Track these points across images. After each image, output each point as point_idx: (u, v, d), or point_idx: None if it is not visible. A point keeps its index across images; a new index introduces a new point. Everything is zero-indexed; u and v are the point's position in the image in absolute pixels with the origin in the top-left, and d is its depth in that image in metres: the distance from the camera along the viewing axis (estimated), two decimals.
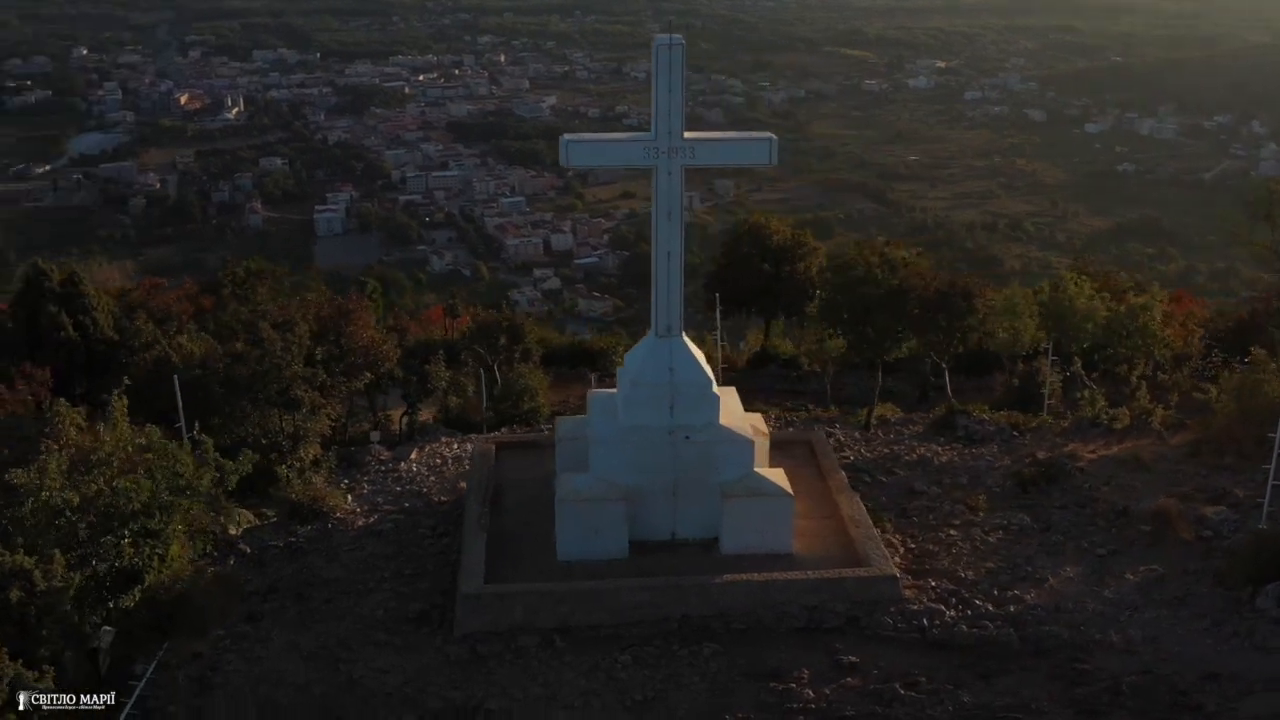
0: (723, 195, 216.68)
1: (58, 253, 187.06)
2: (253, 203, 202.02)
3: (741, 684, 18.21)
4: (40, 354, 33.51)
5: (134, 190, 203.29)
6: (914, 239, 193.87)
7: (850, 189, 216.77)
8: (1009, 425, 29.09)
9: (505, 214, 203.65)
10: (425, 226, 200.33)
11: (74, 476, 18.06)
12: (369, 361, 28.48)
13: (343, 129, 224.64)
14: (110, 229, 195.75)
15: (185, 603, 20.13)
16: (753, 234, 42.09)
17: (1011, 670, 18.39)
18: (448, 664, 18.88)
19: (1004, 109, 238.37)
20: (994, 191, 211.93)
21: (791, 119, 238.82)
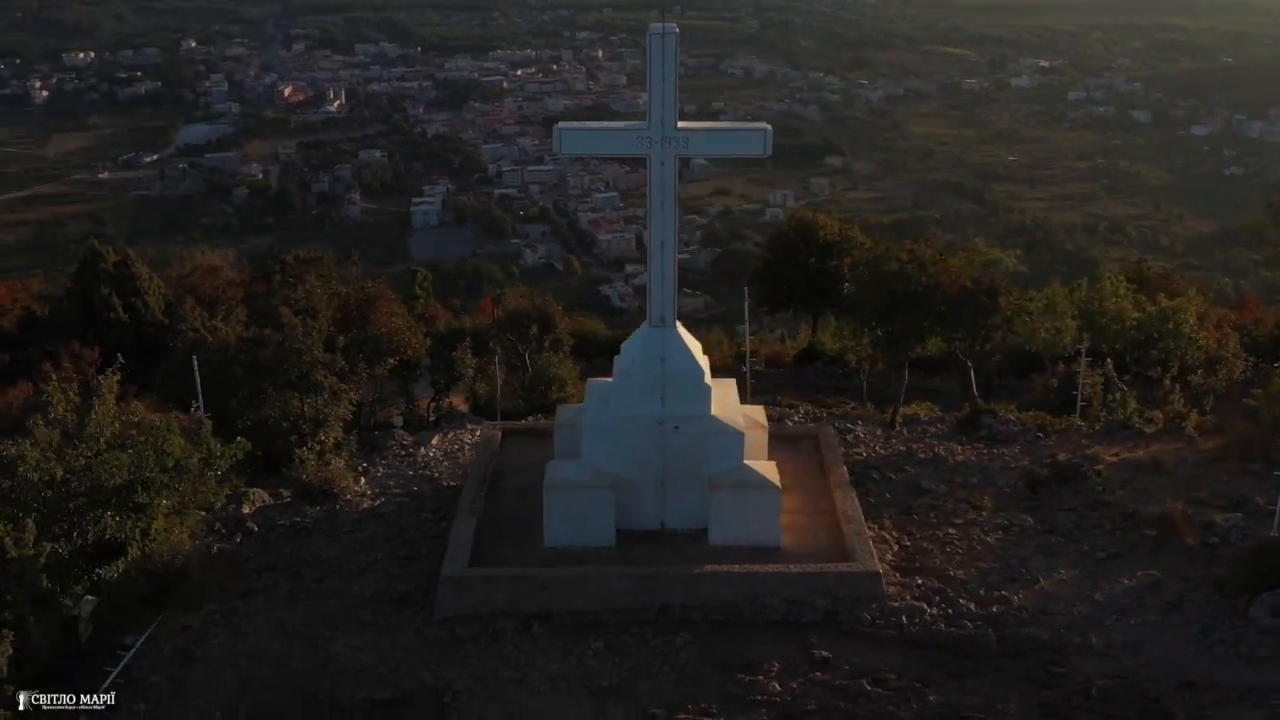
0: (817, 194, 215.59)
1: (164, 240, 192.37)
2: (351, 194, 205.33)
3: (710, 674, 18.20)
4: (91, 334, 34.52)
5: (237, 180, 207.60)
6: (1010, 240, 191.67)
7: (947, 189, 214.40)
8: (1036, 426, 28.67)
9: (599, 209, 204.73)
10: (519, 220, 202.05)
11: (63, 450, 18.61)
12: (392, 348, 28.89)
13: (441, 122, 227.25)
14: (213, 217, 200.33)
15: (183, 577, 20.65)
16: (800, 230, 41.89)
17: (984, 671, 18.15)
18: (424, 645, 19.11)
19: (1108, 110, 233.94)
20: (1096, 193, 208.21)
21: (889, 118, 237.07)
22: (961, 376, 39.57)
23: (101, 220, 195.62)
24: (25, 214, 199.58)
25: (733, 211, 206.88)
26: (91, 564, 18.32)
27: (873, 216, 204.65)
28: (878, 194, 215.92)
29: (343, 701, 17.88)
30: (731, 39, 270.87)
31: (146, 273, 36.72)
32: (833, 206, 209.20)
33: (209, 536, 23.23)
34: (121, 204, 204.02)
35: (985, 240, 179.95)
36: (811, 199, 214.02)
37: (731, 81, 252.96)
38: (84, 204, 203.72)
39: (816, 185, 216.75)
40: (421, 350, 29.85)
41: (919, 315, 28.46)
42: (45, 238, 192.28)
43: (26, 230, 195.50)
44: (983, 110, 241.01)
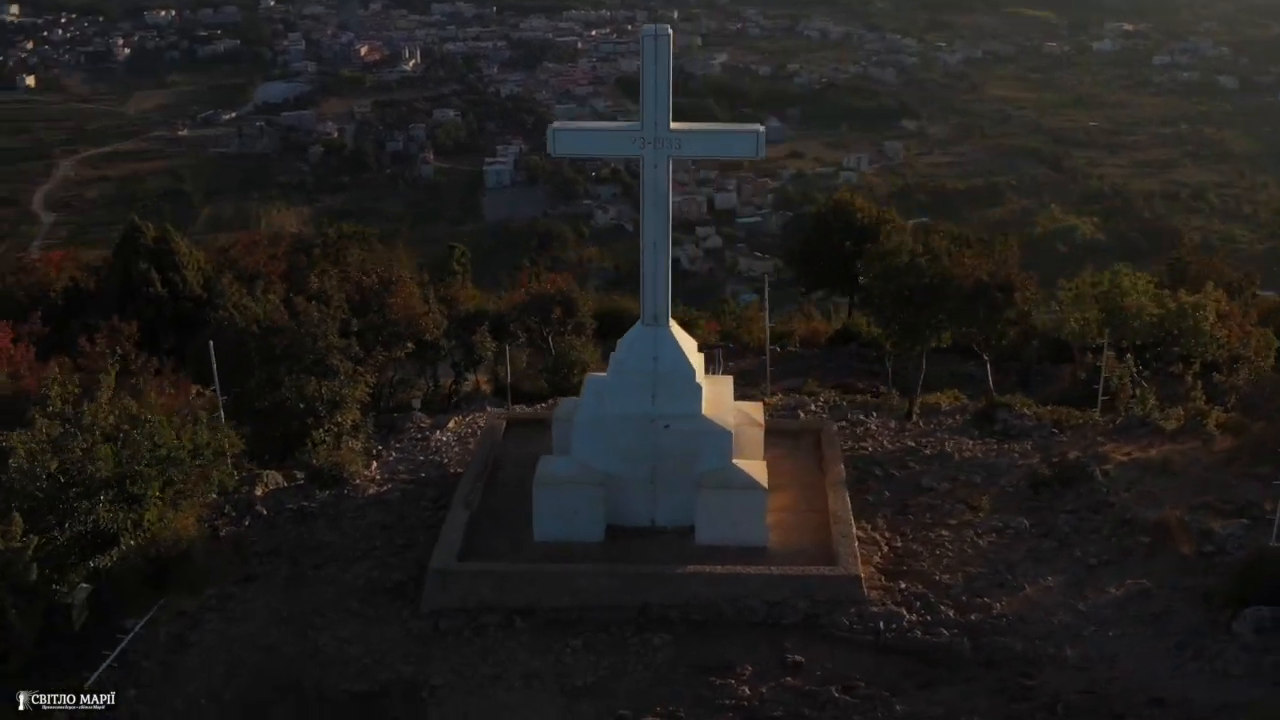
0: (892, 158, 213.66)
1: (241, 197, 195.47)
2: (425, 153, 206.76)
3: (683, 676, 18.43)
4: (130, 309, 35.34)
5: (313, 138, 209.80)
6: (1088, 207, 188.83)
7: (1024, 154, 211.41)
8: (1051, 421, 28.50)
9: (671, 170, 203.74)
10: (591, 181, 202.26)
11: (61, 442, 19.21)
12: (409, 332, 29.31)
13: (515, 82, 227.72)
14: (290, 175, 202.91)
15: (185, 561, 21.25)
16: (837, 212, 41.71)
17: (955, 681, 18.20)
18: (409, 638, 19.53)
19: (1193, 75, 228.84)
20: (1178, 160, 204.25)
21: (966, 80, 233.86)
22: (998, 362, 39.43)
23: (180, 177, 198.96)
24: (106, 170, 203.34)
25: (805, 175, 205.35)
26: (86, 553, 18.89)
27: (947, 182, 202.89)
28: (953, 158, 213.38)
29: (325, 693, 18.35)
30: (808, 0, 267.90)
31: (185, 248, 37.47)
32: (907, 170, 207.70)
33: (219, 519, 23.89)
34: (200, 161, 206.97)
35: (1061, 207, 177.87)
36: (886, 163, 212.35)
37: (807, 43, 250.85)
38: (163, 160, 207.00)
39: (891, 149, 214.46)
40: (439, 334, 30.20)
41: (931, 309, 28.31)
42: (125, 194, 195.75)
43: (108, 186, 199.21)
44: (1063, 74, 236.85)
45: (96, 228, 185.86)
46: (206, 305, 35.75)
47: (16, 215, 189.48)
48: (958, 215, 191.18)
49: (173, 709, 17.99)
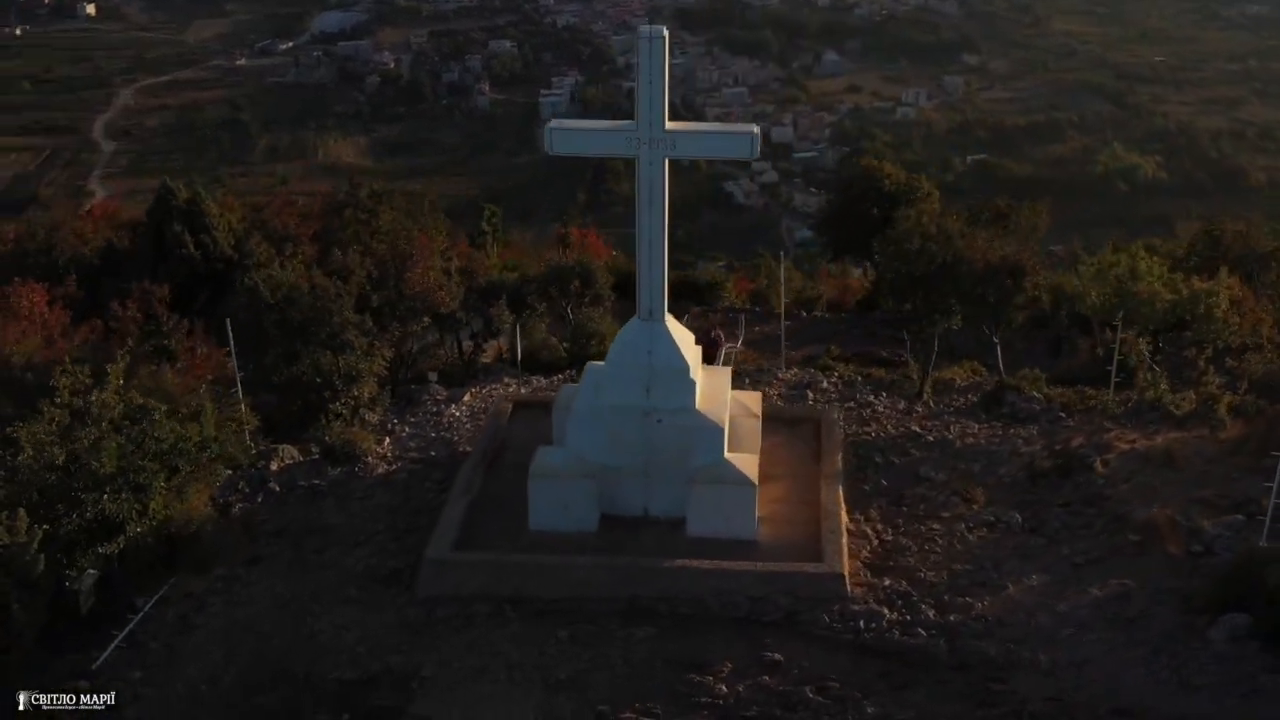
0: (951, 93, 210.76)
1: (298, 127, 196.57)
2: (481, 84, 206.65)
3: (663, 671, 18.95)
4: (162, 270, 36.11)
5: (369, 68, 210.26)
6: (1151, 146, 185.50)
7: (1087, 90, 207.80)
8: (1060, 404, 28.58)
9: (726, 105, 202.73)
10: None
11: (69, 432, 19.94)
12: (426, 306, 29.79)
13: (571, 13, 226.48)
14: (346, 106, 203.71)
15: (196, 541, 22.00)
16: (865, 177, 41.59)
17: (927, 683, 18.59)
18: (402, 626, 20.20)
19: (1263, 8, 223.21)
20: (1245, 98, 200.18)
21: (1029, 14, 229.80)
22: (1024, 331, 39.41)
23: (238, 107, 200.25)
24: (166, 99, 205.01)
25: (863, 109, 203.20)
26: (94, 541, 19.64)
27: (1007, 118, 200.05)
28: (1014, 94, 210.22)
29: (317, 680, 19.07)
30: None
31: (216, 210, 38.05)
32: (966, 106, 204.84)
33: (232, 495, 24.65)
34: (257, 91, 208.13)
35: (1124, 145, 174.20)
36: (945, 98, 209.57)
37: None
38: (222, 90, 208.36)
39: (950, 84, 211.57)
40: (455, 307, 30.66)
41: (942, 293, 28.40)
42: (184, 122, 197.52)
43: (167, 115, 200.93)
44: (1130, 8, 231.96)
45: (156, 156, 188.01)
46: (237, 266, 36.42)
47: (77, 143, 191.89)
48: (1017, 152, 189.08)
49: (173, 692, 18.82)
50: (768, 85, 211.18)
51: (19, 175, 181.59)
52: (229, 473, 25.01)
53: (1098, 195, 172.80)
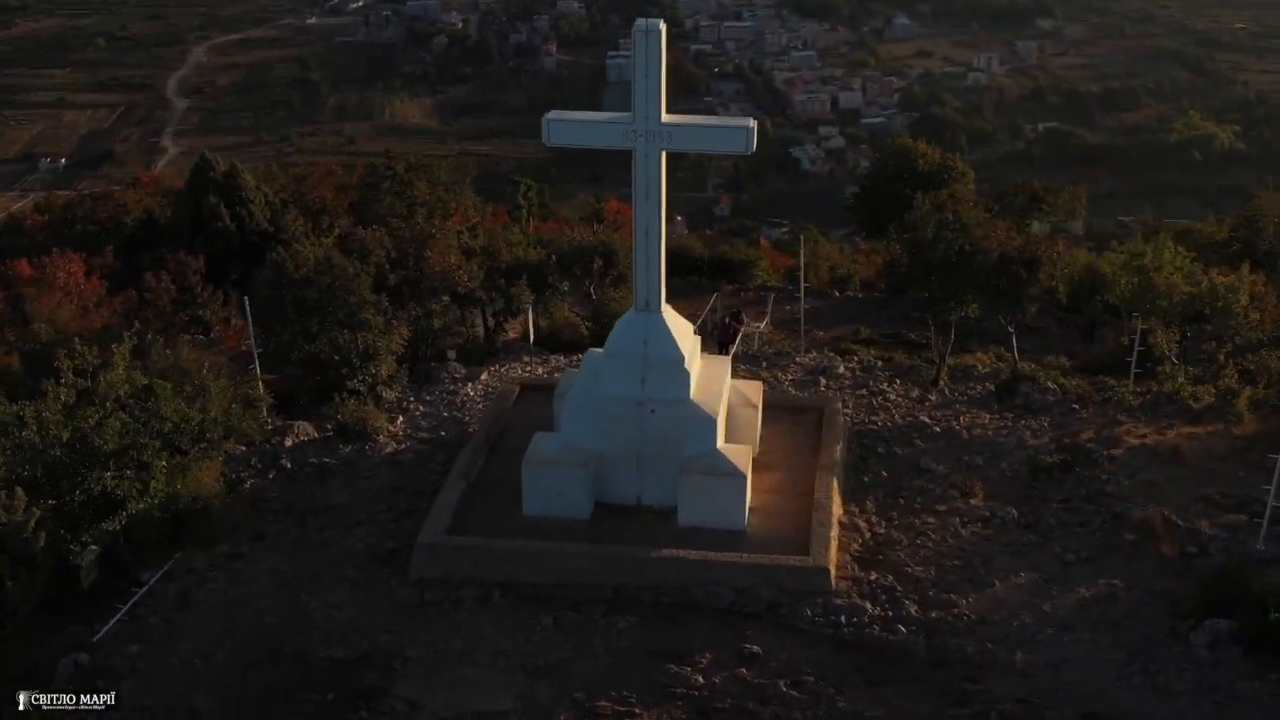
0: (1024, 58, 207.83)
1: (365, 87, 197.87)
2: (548, 45, 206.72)
3: (642, 660, 19.27)
4: (198, 241, 36.85)
5: (438, 29, 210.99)
6: (1229, 115, 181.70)
7: (1165, 56, 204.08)
8: (1075, 396, 28.41)
9: (795, 68, 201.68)
10: (713, 77, 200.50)
11: (76, 411, 20.53)
12: (445, 285, 30.13)
13: None
14: (413, 66, 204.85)
15: (202, 517, 22.58)
16: (899, 156, 41.29)
17: (902, 680, 18.76)
18: (393, 607, 20.65)
19: None
20: None
21: None
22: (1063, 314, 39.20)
23: (308, 65, 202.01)
24: (237, 57, 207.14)
25: (933, 75, 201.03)
26: (96, 517, 20.25)
27: (1081, 84, 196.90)
28: (1088, 60, 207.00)
29: (307, 658, 19.61)
30: None
31: (252, 183, 38.64)
32: (1039, 72, 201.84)
33: (244, 470, 25.21)
34: (327, 50, 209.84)
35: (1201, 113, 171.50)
36: (1017, 64, 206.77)
37: None
38: (292, 48, 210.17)
39: (1024, 49, 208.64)
40: (472, 287, 30.98)
41: (955, 282, 28.28)
42: (255, 80, 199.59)
43: (239, 73, 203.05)
44: None
45: (227, 114, 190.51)
46: (272, 239, 37.03)
47: (151, 101, 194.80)
48: (1090, 120, 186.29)
49: (168, 667, 19.42)
50: (837, 49, 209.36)
51: (95, 132, 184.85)
52: (242, 449, 25.62)
53: (1172, 165, 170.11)
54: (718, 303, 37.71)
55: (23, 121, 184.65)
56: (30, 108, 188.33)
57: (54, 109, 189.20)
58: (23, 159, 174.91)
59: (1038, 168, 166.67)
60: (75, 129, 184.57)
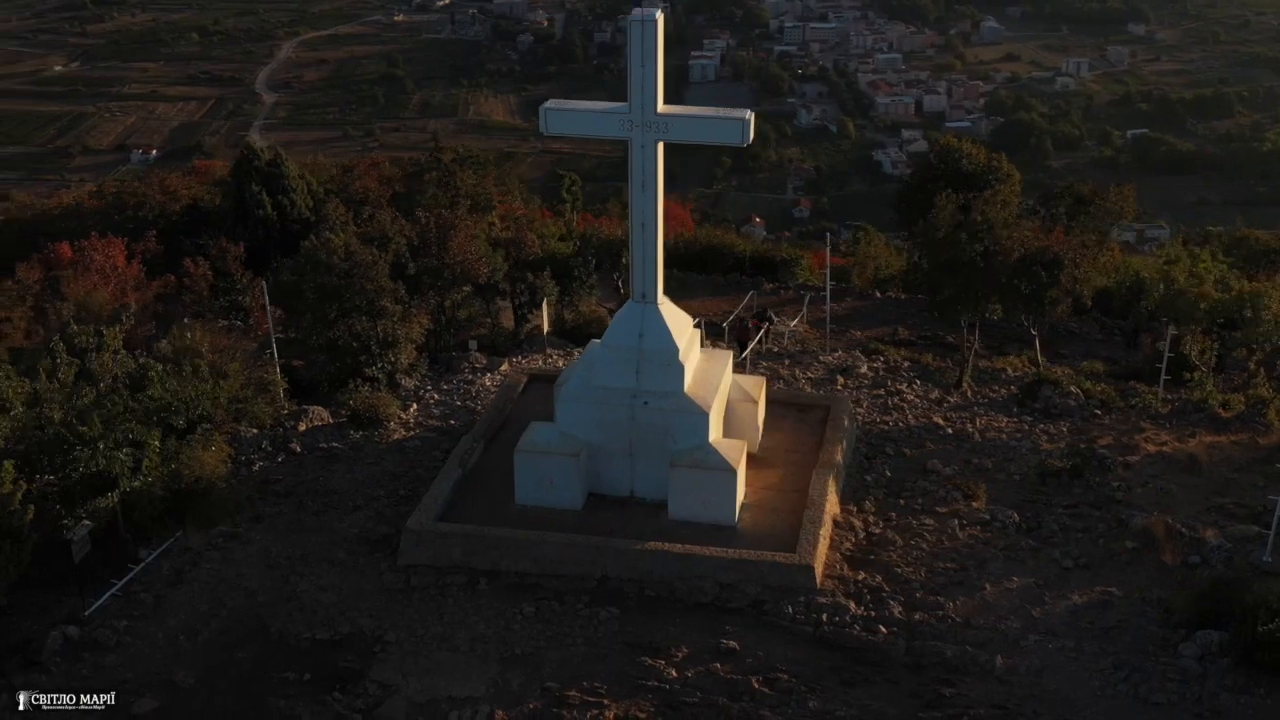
0: (1115, 63, 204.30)
1: (450, 84, 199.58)
2: None
3: (618, 652, 19.20)
4: (240, 229, 37.33)
5: (523, 27, 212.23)
6: None
7: (1261, 64, 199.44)
8: (1099, 400, 27.84)
9: (879, 70, 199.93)
10: (796, 79, 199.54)
11: (72, 391, 20.90)
12: (466, 275, 30.24)
13: None
14: (498, 64, 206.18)
15: (204, 498, 22.86)
16: (943, 157, 40.68)
17: (877, 681, 18.50)
18: (379, 591, 20.76)
19: None
20: None
21: None
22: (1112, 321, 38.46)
23: (394, 62, 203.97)
24: (325, 53, 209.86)
25: (1020, 79, 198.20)
26: (91, 494, 20.58)
27: (1172, 91, 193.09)
28: (1182, 66, 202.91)
29: (289, 638, 19.79)
30: None
31: (296, 171, 39.04)
32: (1130, 77, 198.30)
33: (254, 453, 25.49)
34: (413, 46, 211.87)
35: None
36: (1108, 68, 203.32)
37: None
38: (379, 45, 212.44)
39: (1115, 54, 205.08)
40: (497, 277, 31.05)
41: (974, 283, 27.81)
42: (342, 77, 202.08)
43: (326, 69, 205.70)
44: None
45: (314, 109, 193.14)
46: (313, 227, 37.39)
47: (240, 95, 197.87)
48: (1180, 127, 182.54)
49: (153, 642, 19.69)
50: (923, 52, 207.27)
51: (185, 124, 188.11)
52: (254, 431, 25.92)
53: (1265, 174, 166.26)
54: (754, 301, 37.44)
55: (116, 114, 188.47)
56: (124, 100, 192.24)
57: (147, 101, 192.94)
58: (116, 150, 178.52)
59: (1124, 175, 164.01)
60: (167, 121, 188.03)
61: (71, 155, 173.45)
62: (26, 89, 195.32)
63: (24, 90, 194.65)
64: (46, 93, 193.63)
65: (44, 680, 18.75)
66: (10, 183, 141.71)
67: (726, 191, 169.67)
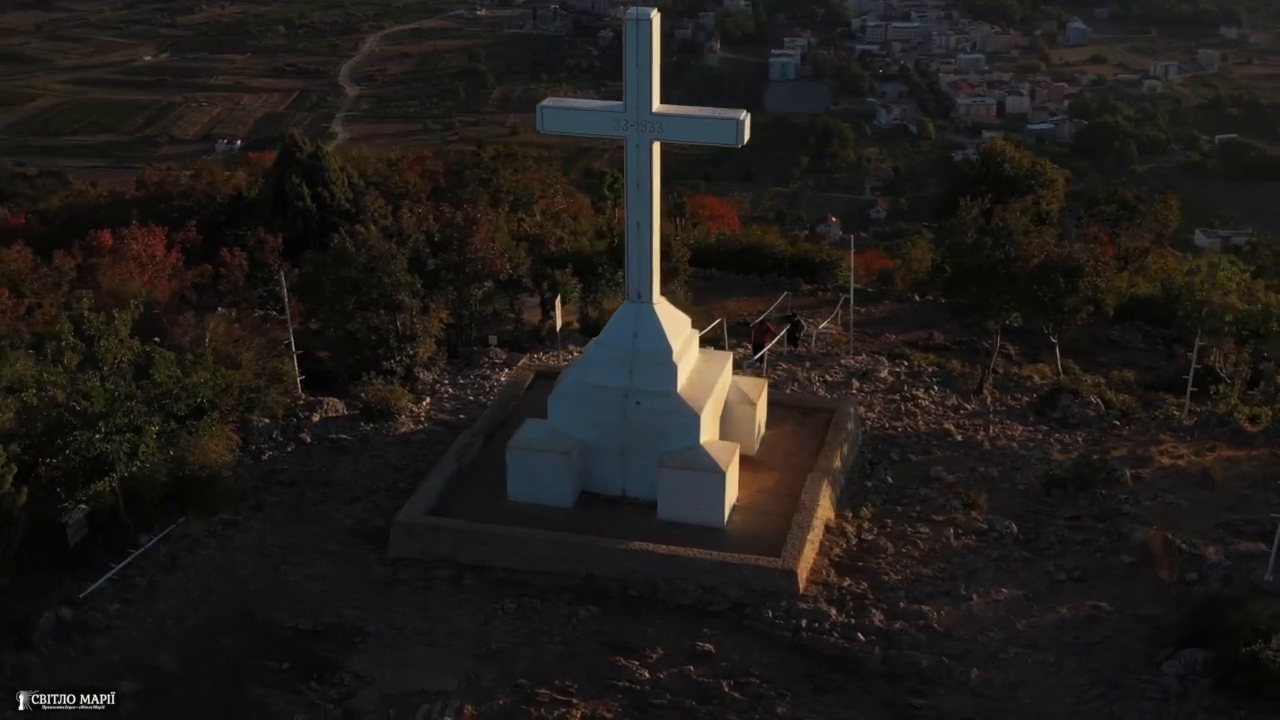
0: (1205, 66, 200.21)
1: (530, 79, 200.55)
2: (712, 42, 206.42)
3: (593, 651, 19.19)
4: (279, 220, 37.83)
5: (604, 22, 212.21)
6: None
7: None
8: (1120, 411, 27.35)
9: (961, 71, 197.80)
10: (877, 78, 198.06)
11: (77, 375, 21.30)
12: (487, 270, 30.39)
13: None
14: (578, 59, 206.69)
15: (208, 485, 23.19)
16: (986, 161, 40.12)
17: (849, 689, 18.33)
18: (366, 583, 20.94)
19: None
20: None
21: None
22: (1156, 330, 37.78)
23: (476, 57, 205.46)
24: (408, 46, 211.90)
25: (1105, 81, 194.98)
26: (89, 478, 20.98)
27: (1264, 96, 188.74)
28: (1275, 70, 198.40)
29: (273, 627, 20.02)
30: None
31: (337, 164, 39.47)
32: (1220, 81, 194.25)
33: (265, 442, 25.83)
34: (495, 41, 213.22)
35: None
36: (1197, 72, 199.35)
37: None
38: (462, 40, 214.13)
39: (1205, 57, 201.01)
40: (520, 273, 31.16)
41: (995, 289, 27.43)
42: (425, 71, 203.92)
43: (409, 62, 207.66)
44: None
45: (395, 102, 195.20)
46: (352, 220, 37.80)
47: (324, 87, 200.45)
48: (1271, 132, 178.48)
49: (143, 625, 20.04)
50: (1006, 52, 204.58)
51: (270, 115, 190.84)
52: (266, 421, 26.26)
53: None
54: (787, 302, 37.22)
55: (203, 104, 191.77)
56: (210, 90, 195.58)
57: (233, 92, 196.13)
58: (202, 140, 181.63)
59: (1211, 180, 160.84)
60: (251, 112, 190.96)
61: (159, 144, 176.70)
62: (118, 78, 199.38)
63: (115, 79, 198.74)
64: (136, 82, 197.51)
65: (33, 660, 19.15)
66: (99, 170, 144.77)
67: (803, 191, 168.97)
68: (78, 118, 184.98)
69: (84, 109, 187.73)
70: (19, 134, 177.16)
